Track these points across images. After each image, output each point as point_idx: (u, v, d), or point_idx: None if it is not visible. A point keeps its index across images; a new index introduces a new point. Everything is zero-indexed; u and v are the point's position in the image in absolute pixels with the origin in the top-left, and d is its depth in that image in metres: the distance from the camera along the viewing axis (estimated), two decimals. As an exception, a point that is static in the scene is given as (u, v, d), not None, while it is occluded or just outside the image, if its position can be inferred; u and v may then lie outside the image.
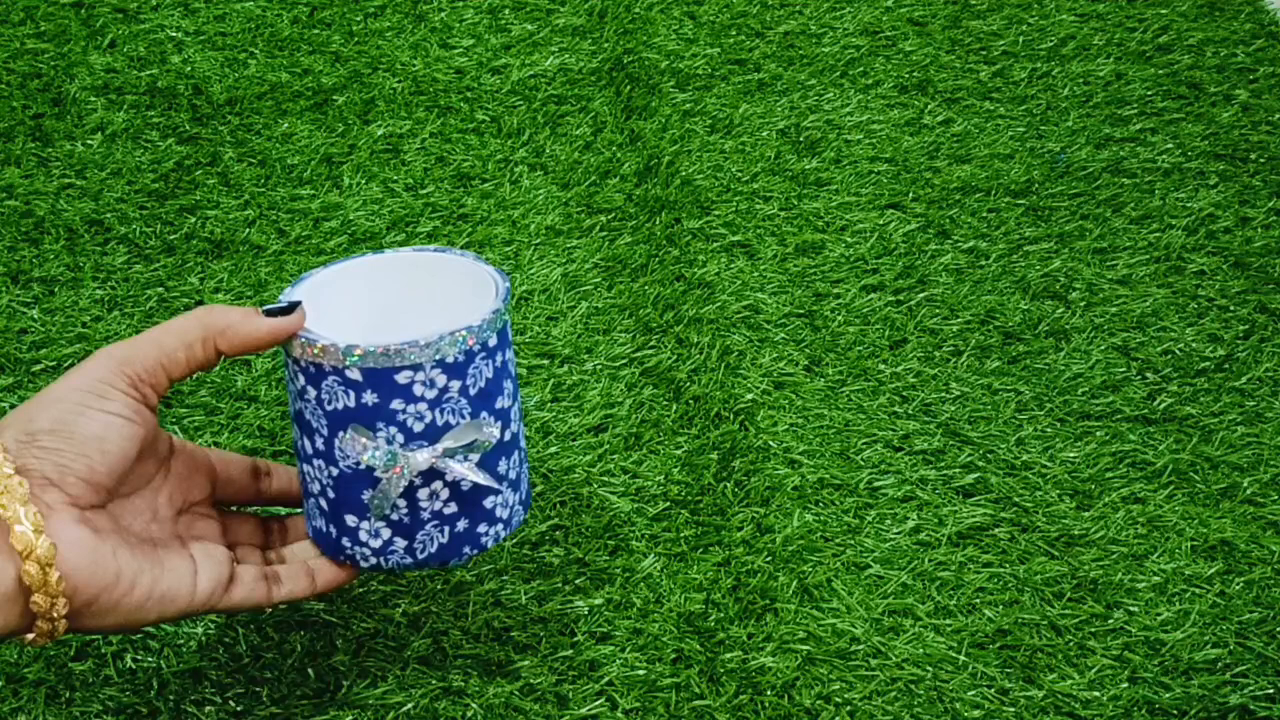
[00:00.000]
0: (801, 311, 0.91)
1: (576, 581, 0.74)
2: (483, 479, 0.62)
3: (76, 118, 1.04)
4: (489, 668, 0.70)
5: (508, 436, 0.64)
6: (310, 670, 0.69)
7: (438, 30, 1.16)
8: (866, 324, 0.90)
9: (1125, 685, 0.69)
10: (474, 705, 0.68)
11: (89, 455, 0.55)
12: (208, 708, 0.67)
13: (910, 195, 1.01)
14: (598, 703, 0.68)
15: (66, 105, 1.06)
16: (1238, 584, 0.75)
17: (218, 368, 0.85)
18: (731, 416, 0.83)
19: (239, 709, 0.67)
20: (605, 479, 0.79)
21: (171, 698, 0.68)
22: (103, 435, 0.55)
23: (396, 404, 0.60)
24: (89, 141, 1.02)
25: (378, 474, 0.61)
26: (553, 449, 0.81)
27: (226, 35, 1.14)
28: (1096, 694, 0.69)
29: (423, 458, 0.60)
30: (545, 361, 0.86)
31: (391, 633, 0.71)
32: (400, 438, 0.60)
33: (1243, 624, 0.73)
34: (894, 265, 0.95)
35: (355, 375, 0.59)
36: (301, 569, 0.64)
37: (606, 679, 0.69)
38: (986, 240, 0.97)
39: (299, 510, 0.69)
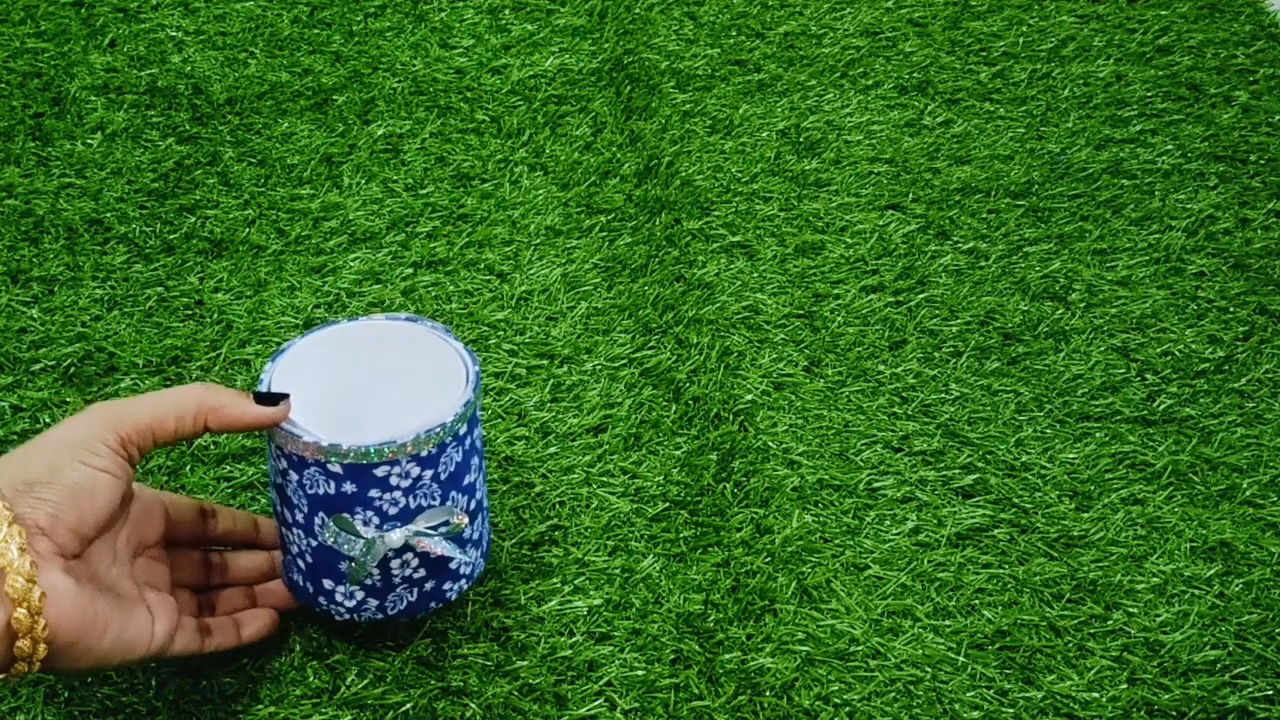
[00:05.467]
0: (801, 312, 0.91)
1: (576, 582, 0.74)
2: (450, 550, 0.66)
3: (76, 117, 1.04)
4: (488, 668, 0.70)
5: (473, 505, 0.68)
6: (310, 670, 0.69)
7: (438, 30, 1.16)
8: (866, 325, 0.90)
9: (1124, 686, 0.69)
10: (473, 705, 0.68)
11: (79, 508, 0.57)
12: (206, 707, 0.67)
13: (910, 196, 1.01)
14: (597, 703, 0.68)
15: (66, 105, 1.06)
16: (1237, 585, 0.75)
17: (218, 368, 0.85)
18: (731, 417, 0.83)
19: (238, 709, 0.68)
20: (605, 479, 0.79)
21: (170, 697, 0.68)
22: (93, 490, 0.58)
23: (373, 493, 0.64)
24: (89, 141, 1.02)
25: (356, 558, 0.65)
26: (552, 449, 0.81)
27: (226, 35, 1.14)
28: (1095, 695, 0.69)
29: (397, 537, 0.64)
30: (545, 362, 0.86)
31: (391, 633, 0.71)
32: (375, 520, 0.64)
33: (1242, 625, 0.73)
34: (894, 266, 0.95)
35: (336, 469, 0.63)
36: (229, 623, 0.67)
37: (605, 679, 0.69)
38: (986, 241, 0.97)
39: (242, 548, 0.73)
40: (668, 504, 0.78)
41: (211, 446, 0.80)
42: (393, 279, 0.92)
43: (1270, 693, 0.70)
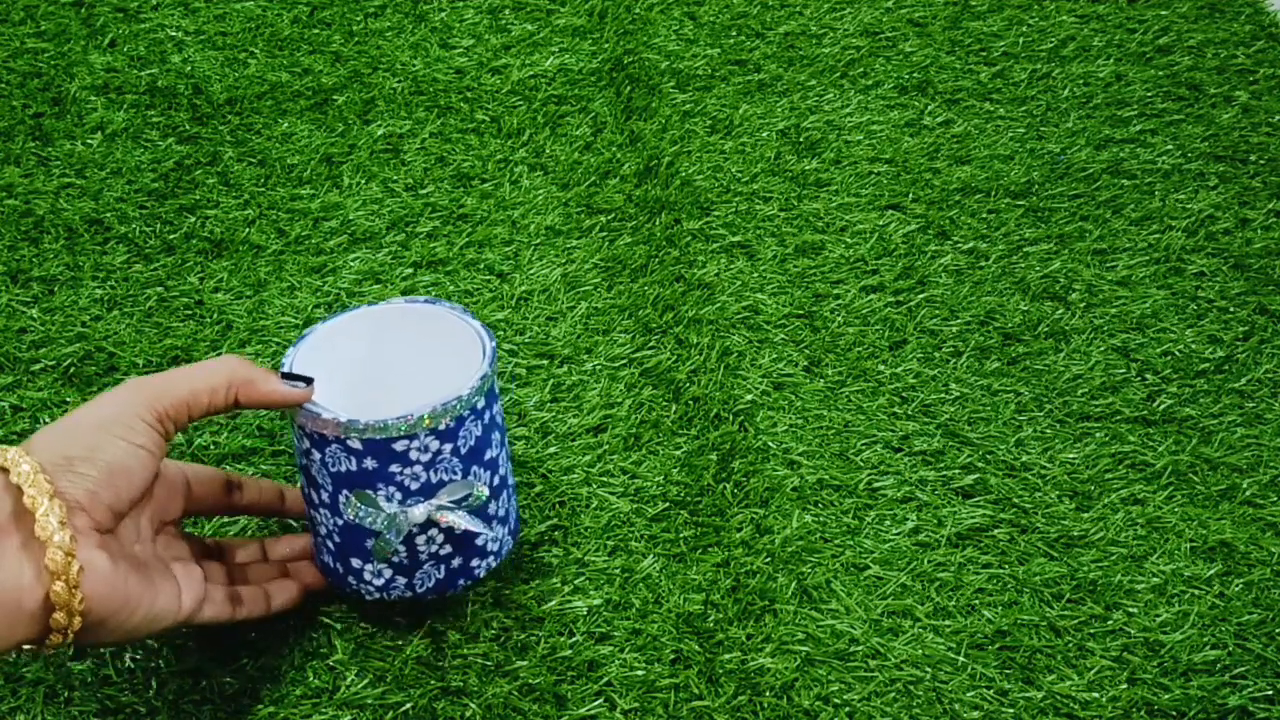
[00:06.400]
0: (801, 312, 0.91)
1: (576, 582, 0.74)
2: (474, 525, 0.66)
3: (76, 117, 1.04)
4: (488, 668, 0.70)
5: (497, 481, 0.69)
6: (310, 670, 0.69)
7: (438, 30, 1.16)
8: (866, 325, 0.90)
9: (1124, 686, 0.70)
10: (473, 705, 0.68)
11: (117, 484, 0.58)
12: (206, 707, 0.67)
13: (910, 196, 1.01)
14: (596, 703, 0.68)
15: (66, 105, 1.06)
16: (1237, 585, 0.75)
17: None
18: (731, 417, 0.83)
19: (238, 709, 0.68)
20: (604, 479, 0.79)
21: (170, 697, 0.68)
22: (131, 467, 0.58)
23: (394, 468, 0.64)
24: (89, 141, 1.02)
25: (380, 532, 0.66)
26: (552, 449, 0.81)
27: (226, 35, 1.14)
28: (1095, 695, 0.69)
29: (419, 511, 0.65)
30: (545, 362, 0.86)
31: (391, 633, 0.71)
32: (398, 495, 0.65)
33: (1242, 625, 0.73)
34: (894, 266, 0.95)
35: (356, 445, 0.64)
36: (260, 593, 0.68)
37: (605, 679, 0.69)
38: (986, 241, 0.97)
39: (266, 519, 0.74)
40: (668, 504, 0.78)
41: (211, 447, 0.80)
42: (393, 279, 0.92)
43: (1270, 693, 0.70)
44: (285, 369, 0.66)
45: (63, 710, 0.67)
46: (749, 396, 0.84)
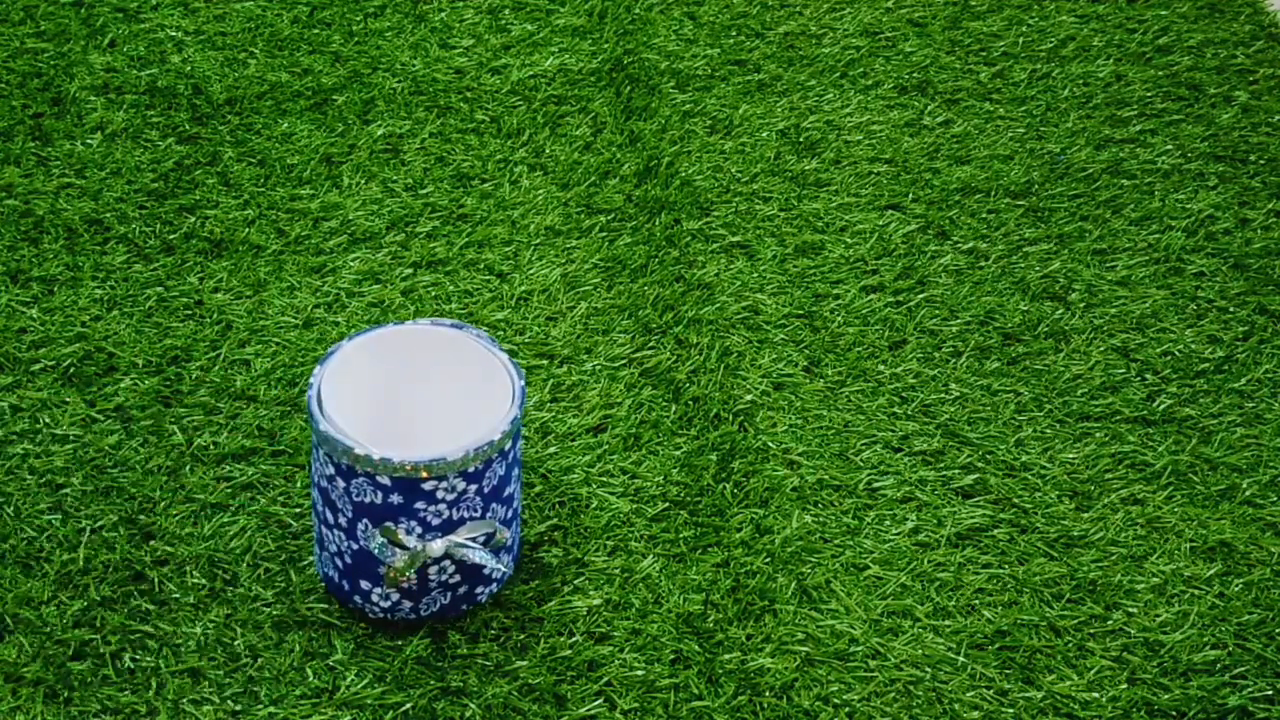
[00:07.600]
0: (801, 312, 0.91)
1: (575, 582, 0.74)
2: (486, 559, 0.68)
3: (76, 117, 1.04)
4: (488, 668, 0.70)
5: (510, 514, 0.70)
6: (309, 670, 0.69)
7: (438, 30, 1.16)
8: (866, 325, 0.90)
9: (1124, 686, 0.70)
10: (473, 705, 0.68)
11: None
12: (205, 707, 0.67)
13: (910, 196, 1.01)
14: (596, 703, 0.68)
15: (66, 105, 1.06)
16: (1237, 585, 0.75)
17: (217, 367, 0.85)
18: (731, 417, 0.83)
19: (237, 709, 0.68)
20: (604, 479, 0.79)
21: (170, 697, 0.68)
22: None
23: (419, 505, 0.66)
24: (89, 141, 1.02)
25: (398, 568, 0.67)
26: (552, 449, 0.81)
27: (226, 35, 1.14)
28: (1095, 695, 0.69)
29: (438, 546, 0.67)
30: (545, 361, 0.86)
31: (391, 633, 0.71)
32: (419, 529, 0.66)
33: (1241, 625, 0.73)
34: (894, 266, 0.95)
35: (385, 480, 0.65)
36: None
37: (605, 679, 0.69)
38: (986, 241, 0.97)
39: None
40: (668, 504, 0.78)
41: (211, 447, 0.80)
42: (393, 279, 0.92)
43: (1270, 693, 0.70)
44: (312, 388, 0.67)
45: (63, 710, 0.67)
46: (749, 396, 0.84)
